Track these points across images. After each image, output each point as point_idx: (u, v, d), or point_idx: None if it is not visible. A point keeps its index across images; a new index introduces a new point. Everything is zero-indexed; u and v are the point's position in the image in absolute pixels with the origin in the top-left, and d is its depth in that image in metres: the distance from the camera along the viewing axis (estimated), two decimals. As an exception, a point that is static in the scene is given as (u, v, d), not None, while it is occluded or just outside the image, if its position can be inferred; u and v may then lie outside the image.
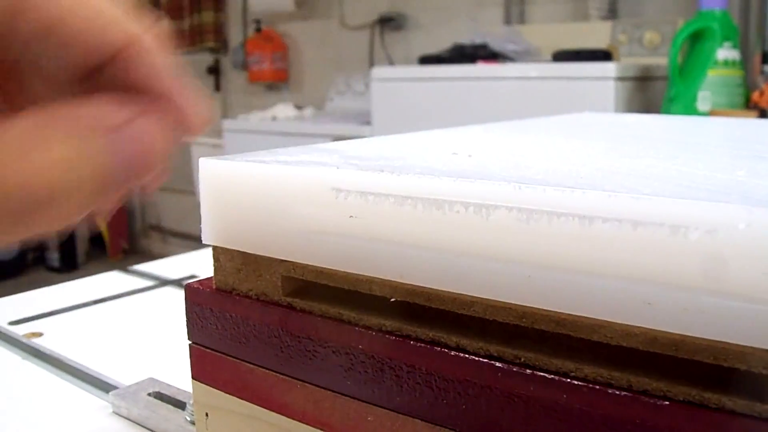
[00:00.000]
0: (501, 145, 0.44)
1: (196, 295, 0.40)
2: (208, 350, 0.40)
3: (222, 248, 0.39)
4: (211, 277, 0.40)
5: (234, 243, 0.38)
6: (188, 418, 0.51)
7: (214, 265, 0.40)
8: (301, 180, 0.34)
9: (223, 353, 0.39)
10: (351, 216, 0.32)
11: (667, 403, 0.26)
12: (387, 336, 0.32)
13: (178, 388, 0.55)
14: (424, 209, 0.30)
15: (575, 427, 0.27)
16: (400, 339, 0.32)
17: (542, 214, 0.27)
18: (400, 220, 0.31)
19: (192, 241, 4.30)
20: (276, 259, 0.36)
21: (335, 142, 0.44)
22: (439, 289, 0.30)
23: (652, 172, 0.32)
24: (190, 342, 0.41)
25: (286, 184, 0.34)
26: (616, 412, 0.27)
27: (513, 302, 0.29)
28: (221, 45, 4.07)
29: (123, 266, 1.00)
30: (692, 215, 0.25)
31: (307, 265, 0.35)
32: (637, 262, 0.26)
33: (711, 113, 1.99)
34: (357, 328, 0.33)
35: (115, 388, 0.57)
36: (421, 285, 0.31)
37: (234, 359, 0.38)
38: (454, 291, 0.30)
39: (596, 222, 0.26)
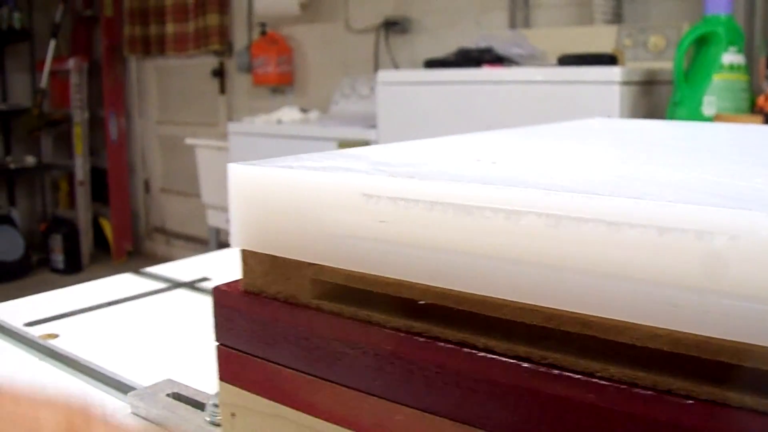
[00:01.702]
0: (521, 151, 0.45)
1: (224, 297, 0.41)
2: (235, 351, 0.41)
3: (250, 251, 0.40)
4: (239, 280, 0.41)
5: (263, 246, 0.39)
6: (208, 419, 0.51)
7: (243, 268, 0.40)
8: (332, 186, 0.35)
9: (251, 354, 0.40)
10: (381, 221, 0.33)
11: (690, 402, 0.27)
12: (416, 337, 0.33)
13: (196, 389, 0.56)
14: (455, 215, 0.31)
15: (601, 425, 0.28)
16: (430, 340, 0.33)
17: (570, 220, 0.28)
18: (431, 224, 0.32)
19: (196, 243, 4.31)
20: (305, 263, 0.37)
21: (360, 148, 0.45)
22: (468, 292, 0.31)
23: (672, 180, 0.33)
24: (217, 343, 0.42)
25: (316, 189, 0.35)
26: (641, 411, 0.27)
27: (541, 305, 0.30)
28: (226, 48, 4.08)
29: (127, 268, 1.00)
30: (717, 222, 0.26)
31: (337, 268, 0.36)
32: (663, 267, 0.27)
33: (716, 118, 2.00)
34: (386, 330, 0.34)
35: (132, 389, 0.57)
36: (451, 288, 0.32)
37: (261, 360, 0.39)
38: (484, 294, 0.31)
39: (623, 228, 0.27)
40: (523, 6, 2.99)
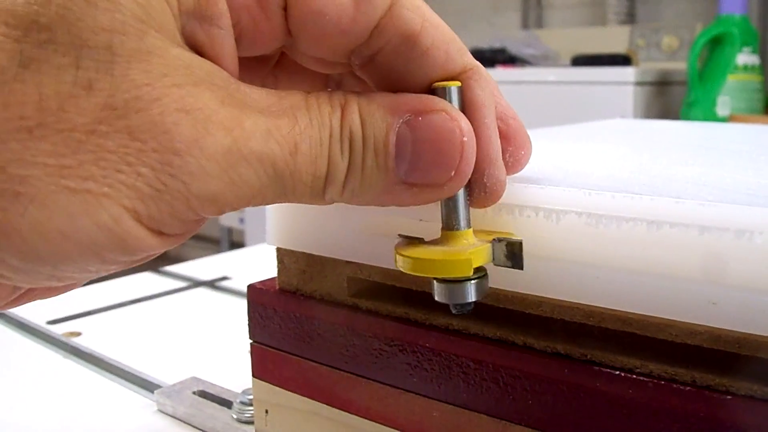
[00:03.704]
0: (550, 151, 0.45)
1: (260, 295, 0.41)
2: (269, 349, 0.41)
3: (286, 250, 0.40)
4: (274, 278, 0.42)
5: (299, 245, 0.39)
6: (235, 416, 0.52)
7: (278, 267, 0.41)
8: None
9: (286, 351, 0.40)
10: (420, 219, 0.33)
11: (729, 397, 0.28)
12: (454, 334, 0.34)
13: (222, 387, 0.56)
14: (494, 214, 0.31)
15: (641, 420, 0.29)
16: (468, 337, 0.34)
17: (611, 219, 0.29)
18: (470, 223, 0.32)
19: (207, 242, 4.32)
20: (342, 261, 0.38)
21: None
22: (507, 289, 0.32)
23: (707, 180, 0.34)
24: (252, 341, 0.43)
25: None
26: (680, 406, 0.28)
27: (581, 302, 0.30)
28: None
29: (140, 268, 1.01)
30: (757, 221, 0.26)
31: (374, 266, 0.37)
32: (703, 264, 0.27)
33: (730, 118, 2.00)
34: (424, 327, 0.35)
35: (157, 386, 0.58)
36: (490, 285, 0.32)
37: (297, 357, 0.40)
38: (523, 291, 0.32)
39: (664, 227, 0.28)
40: (535, 6, 3.00)
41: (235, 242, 3.88)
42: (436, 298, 0.30)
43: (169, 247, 0.27)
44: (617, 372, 0.29)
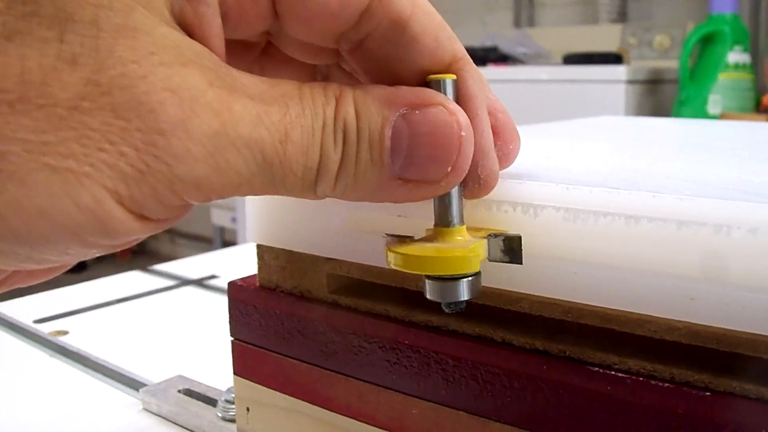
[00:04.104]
0: (534, 148, 0.45)
1: (240, 292, 0.41)
2: (250, 346, 0.41)
3: (266, 247, 0.40)
4: (254, 275, 0.42)
5: (279, 242, 0.39)
6: (220, 415, 0.52)
7: (258, 263, 0.41)
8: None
9: (266, 349, 0.40)
10: (399, 215, 0.33)
11: (708, 394, 0.27)
12: (433, 331, 0.34)
13: (208, 386, 0.56)
14: (473, 209, 0.31)
15: (619, 417, 0.28)
16: (447, 334, 0.33)
17: (589, 214, 0.28)
18: (448, 219, 0.32)
19: (200, 242, 4.32)
20: (321, 258, 0.38)
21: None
22: (487, 285, 0.32)
23: (688, 175, 0.33)
24: (233, 338, 0.42)
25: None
26: (658, 402, 0.28)
27: (560, 298, 0.30)
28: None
29: (131, 267, 1.01)
30: (735, 215, 0.26)
31: (353, 263, 0.36)
32: (681, 260, 0.27)
33: (721, 116, 2.01)
34: (403, 324, 0.35)
35: (143, 385, 0.58)
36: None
37: (277, 354, 0.40)
38: (502, 287, 0.31)
39: (642, 221, 0.27)
40: (527, 5, 3.00)
41: (227, 241, 3.88)
42: (428, 297, 0.30)
43: (153, 232, 0.26)
44: (596, 368, 0.29)
